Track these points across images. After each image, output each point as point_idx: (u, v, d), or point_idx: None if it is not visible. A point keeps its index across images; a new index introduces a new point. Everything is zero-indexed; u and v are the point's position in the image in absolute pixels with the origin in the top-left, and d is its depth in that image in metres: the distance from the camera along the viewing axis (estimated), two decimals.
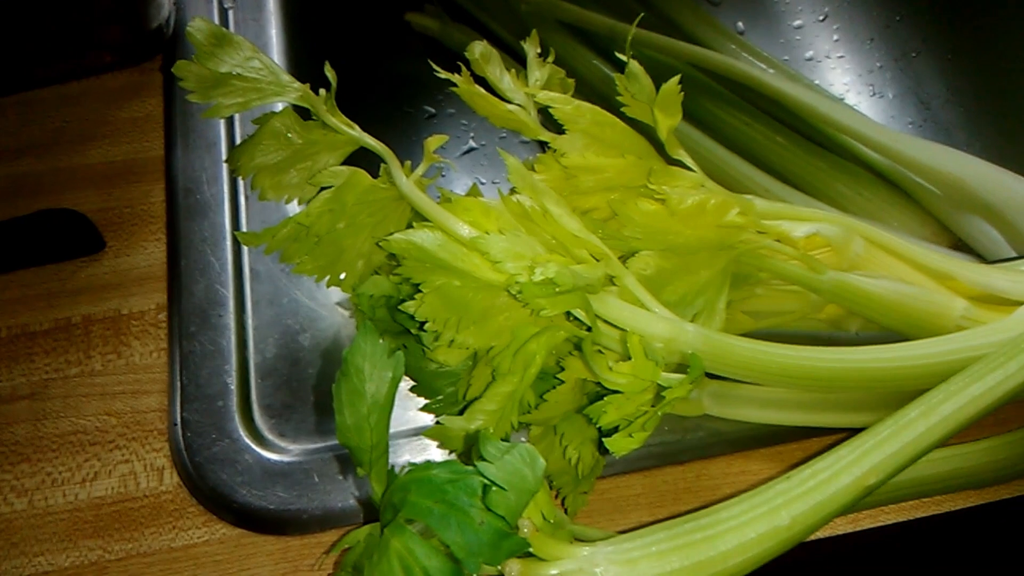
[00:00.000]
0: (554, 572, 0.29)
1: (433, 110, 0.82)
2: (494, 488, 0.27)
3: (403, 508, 0.28)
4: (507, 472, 0.27)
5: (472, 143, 0.82)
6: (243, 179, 0.43)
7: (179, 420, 0.45)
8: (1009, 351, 0.36)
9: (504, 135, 0.80)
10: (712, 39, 0.78)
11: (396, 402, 0.46)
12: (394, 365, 0.31)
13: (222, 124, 0.54)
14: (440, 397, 0.43)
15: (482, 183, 0.80)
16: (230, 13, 0.58)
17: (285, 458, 0.44)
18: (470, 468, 0.28)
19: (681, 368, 0.37)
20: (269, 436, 0.45)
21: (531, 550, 0.29)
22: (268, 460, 0.44)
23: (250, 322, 0.48)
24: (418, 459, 0.44)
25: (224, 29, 0.41)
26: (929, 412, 0.34)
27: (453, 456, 0.37)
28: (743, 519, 0.31)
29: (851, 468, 0.32)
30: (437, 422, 0.38)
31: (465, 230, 0.37)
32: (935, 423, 0.33)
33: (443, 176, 0.80)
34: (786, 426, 0.44)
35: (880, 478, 0.32)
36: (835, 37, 0.84)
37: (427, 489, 0.28)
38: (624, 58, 0.41)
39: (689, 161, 0.42)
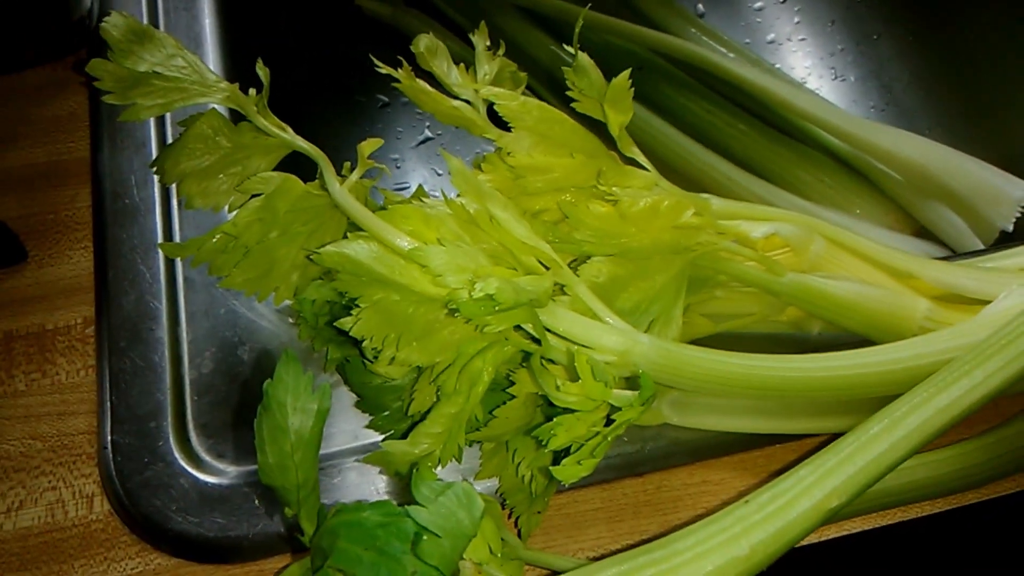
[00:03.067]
0: None
1: (386, 98, 0.80)
2: (426, 536, 0.25)
3: (332, 555, 0.26)
4: (441, 516, 0.25)
5: (428, 132, 0.79)
6: (169, 185, 0.40)
7: (109, 443, 0.42)
8: (975, 358, 0.34)
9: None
10: (672, 22, 0.77)
11: (345, 418, 0.44)
12: (319, 397, 0.29)
13: (152, 123, 0.50)
14: (386, 413, 0.40)
15: (439, 174, 0.78)
16: (159, 3, 0.55)
17: (224, 481, 0.42)
18: (403, 510, 0.26)
19: (637, 382, 0.36)
20: (206, 458, 0.43)
21: None
22: (205, 484, 0.42)
23: (185, 336, 0.45)
24: (366, 478, 0.42)
25: (144, 24, 0.39)
26: (893, 426, 0.32)
27: (386, 497, 0.35)
28: (699, 550, 0.29)
29: (812, 491, 0.31)
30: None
31: (403, 241, 0.34)
32: (899, 439, 0.32)
33: (398, 168, 0.78)
34: (748, 433, 0.43)
35: (843, 500, 0.31)
36: (796, 19, 0.83)
37: (357, 534, 0.26)
38: (572, 50, 0.39)
39: (643, 159, 0.40)
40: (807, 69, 0.81)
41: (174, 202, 0.49)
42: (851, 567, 0.48)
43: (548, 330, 0.35)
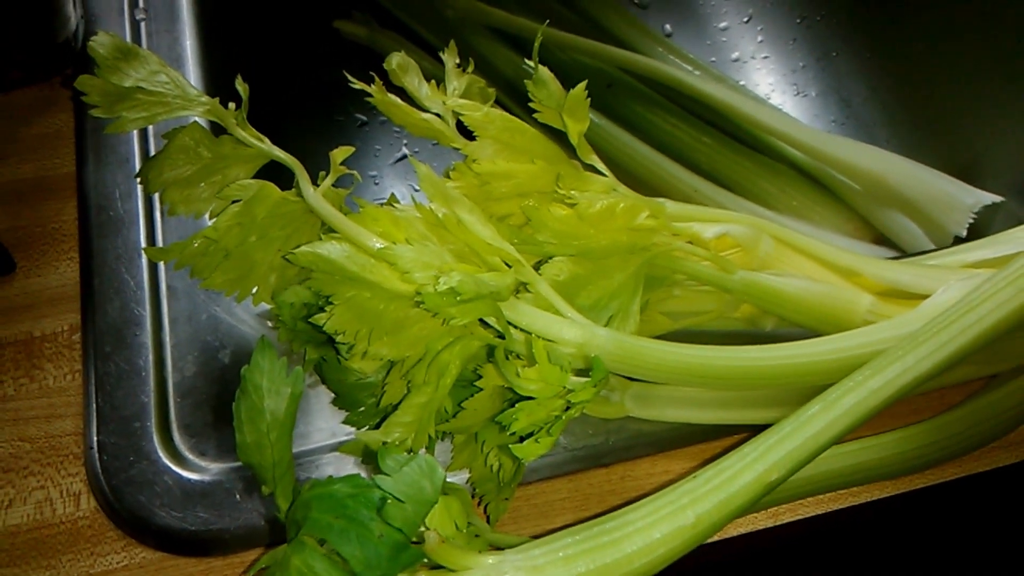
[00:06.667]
0: None
1: (365, 118, 0.82)
2: (391, 501, 0.27)
3: (305, 525, 0.28)
4: (404, 484, 0.27)
5: (405, 150, 0.81)
6: (153, 194, 0.42)
7: (95, 443, 0.44)
8: (907, 345, 0.37)
9: (437, 142, 0.80)
10: (640, 42, 0.79)
11: (322, 416, 0.46)
12: (293, 381, 0.31)
13: (135, 139, 0.53)
14: (361, 409, 0.42)
15: (416, 190, 0.80)
16: (142, 25, 0.57)
17: (206, 477, 0.44)
18: (370, 481, 0.28)
19: None
20: (189, 456, 0.44)
21: (440, 561, 0.29)
22: (188, 480, 0.43)
23: (168, 340, 0.47)
24: (341, 472, 0.44)
25: (129, 43, 0.41)
26: (829, 407, 0.34)
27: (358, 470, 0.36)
28: (649, 520, 0.31)
29: (754, 465, 0.33)
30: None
31: (374, 241, 0.37)
32: (835, 417, 0.34)
33: (376, 184, 0.80)
34: (708, 424, 0.45)
35: (782, 474, 0.33)
36: (759, 38, 0.85)
37: (328, 504, 0.28)
38: (531, 64, 0.41)
39: (601, 166, 0.43)
40: (770, 85, 0.84)
41: (157, 214, 0.51)
42: (804, 548, 0.50)
43: (512, 324, 0.37)
